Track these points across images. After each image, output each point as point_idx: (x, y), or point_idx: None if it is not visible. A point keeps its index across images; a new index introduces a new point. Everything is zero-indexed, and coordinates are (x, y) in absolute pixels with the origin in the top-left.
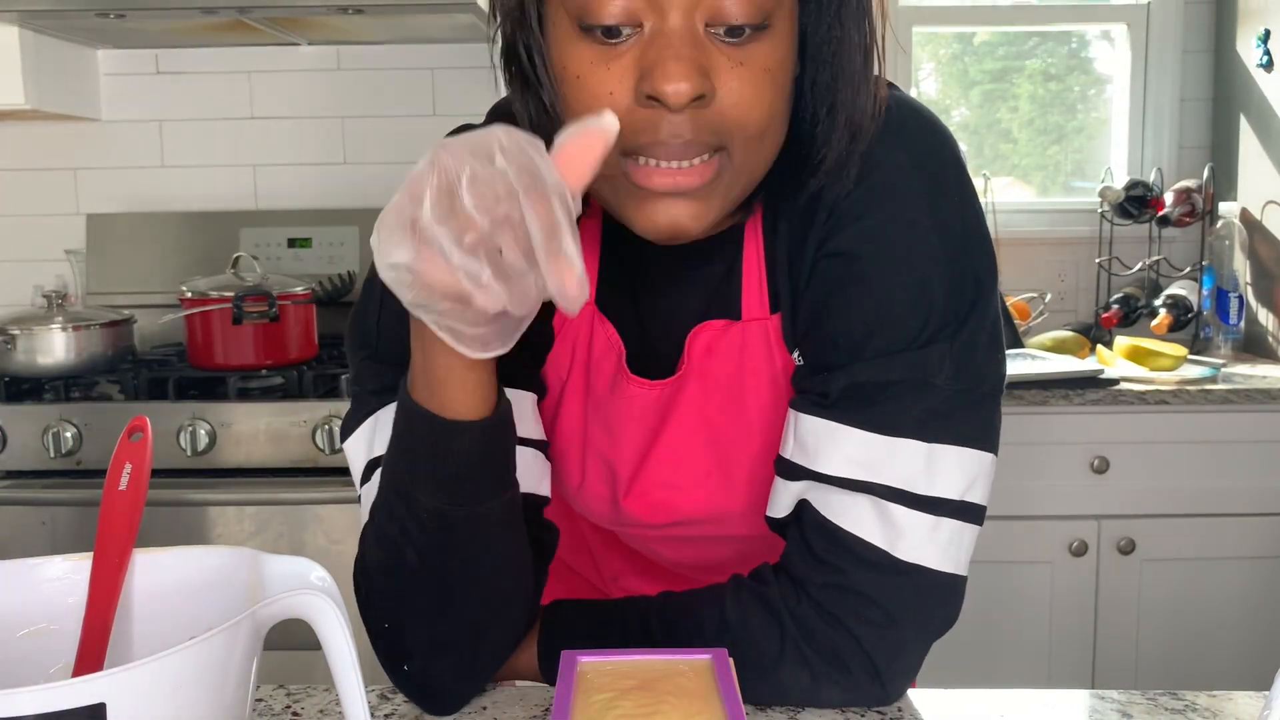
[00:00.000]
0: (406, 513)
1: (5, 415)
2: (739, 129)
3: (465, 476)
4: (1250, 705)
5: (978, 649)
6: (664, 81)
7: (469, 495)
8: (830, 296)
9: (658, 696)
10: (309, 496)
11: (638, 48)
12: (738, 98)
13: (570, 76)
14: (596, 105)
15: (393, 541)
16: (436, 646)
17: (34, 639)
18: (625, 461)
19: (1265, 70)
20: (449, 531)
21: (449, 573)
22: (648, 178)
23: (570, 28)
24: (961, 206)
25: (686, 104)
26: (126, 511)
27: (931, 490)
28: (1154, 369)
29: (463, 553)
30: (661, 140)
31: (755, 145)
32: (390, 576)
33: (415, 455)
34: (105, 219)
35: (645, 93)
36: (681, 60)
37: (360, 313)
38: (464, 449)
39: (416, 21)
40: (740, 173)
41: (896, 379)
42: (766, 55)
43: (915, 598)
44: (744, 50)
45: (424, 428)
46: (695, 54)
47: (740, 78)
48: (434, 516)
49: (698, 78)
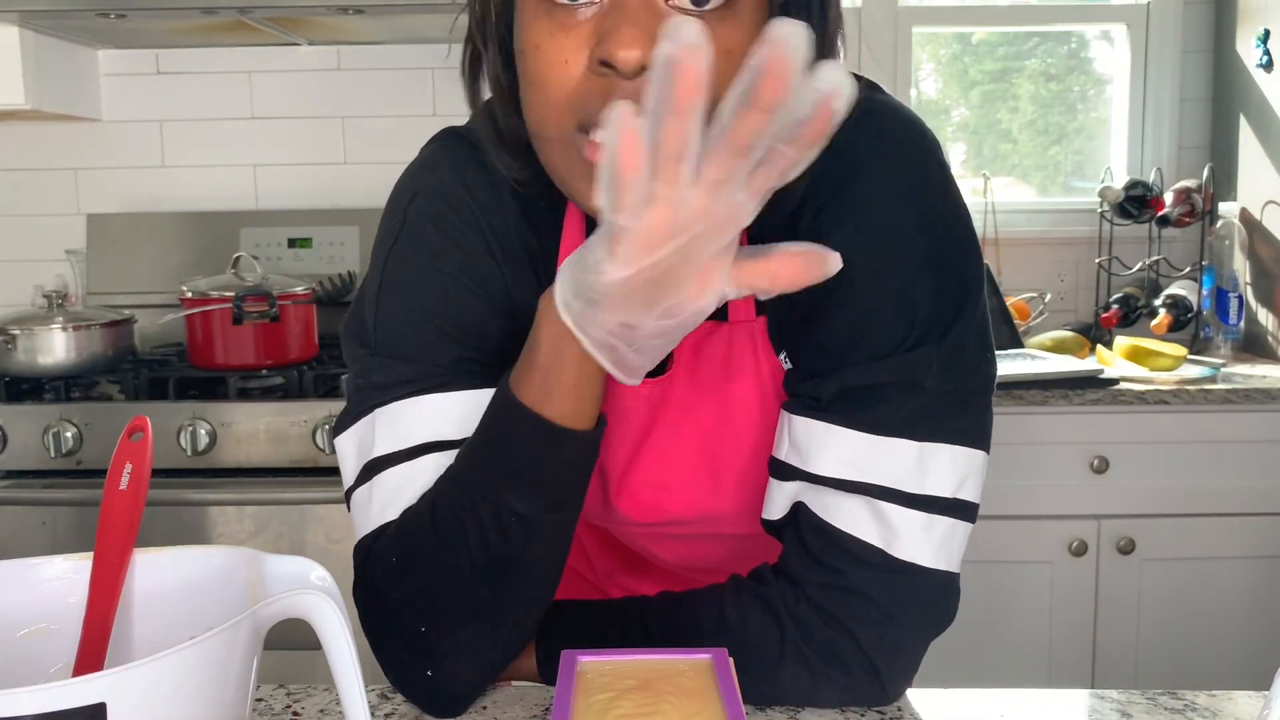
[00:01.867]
0: (490, 515)
1: (5, 415)
2: None
3: (566, 483)
4: (1250, 705)
5: (978, 649)
6: (617, 47)
7: (564, 503)
8: (816, 303)
9: (658, 696)
10: (309, 496)
11: (597, 16)
12: None
13: (530, 48)
14: (551, 74)
15: (462, 543)
16: (470, 649)
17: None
18: (614, 460)
19: (1265, 70)
20: (533, 536)
21: (512, 576)
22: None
23: (535, 3)
24: (945, 208)
25: (638, 71)
26: (126, 511)
27: (923, 489)
28: (1154, 369)
29: (537, 556)
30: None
31: None
32: (447, 578)
33: (515, 457)
34: (105, 219)
35: (599, 58)
36: (637, 26)
37: (358, 309)
38: (573, 457)
39: (416, 21)
40: None
41: (885, 382)
42: (728, 36)
43: (913, 596)
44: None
45: (530, 430)
46: (652, 23)
47: None
48: (522, 520)
49: (650, 44)
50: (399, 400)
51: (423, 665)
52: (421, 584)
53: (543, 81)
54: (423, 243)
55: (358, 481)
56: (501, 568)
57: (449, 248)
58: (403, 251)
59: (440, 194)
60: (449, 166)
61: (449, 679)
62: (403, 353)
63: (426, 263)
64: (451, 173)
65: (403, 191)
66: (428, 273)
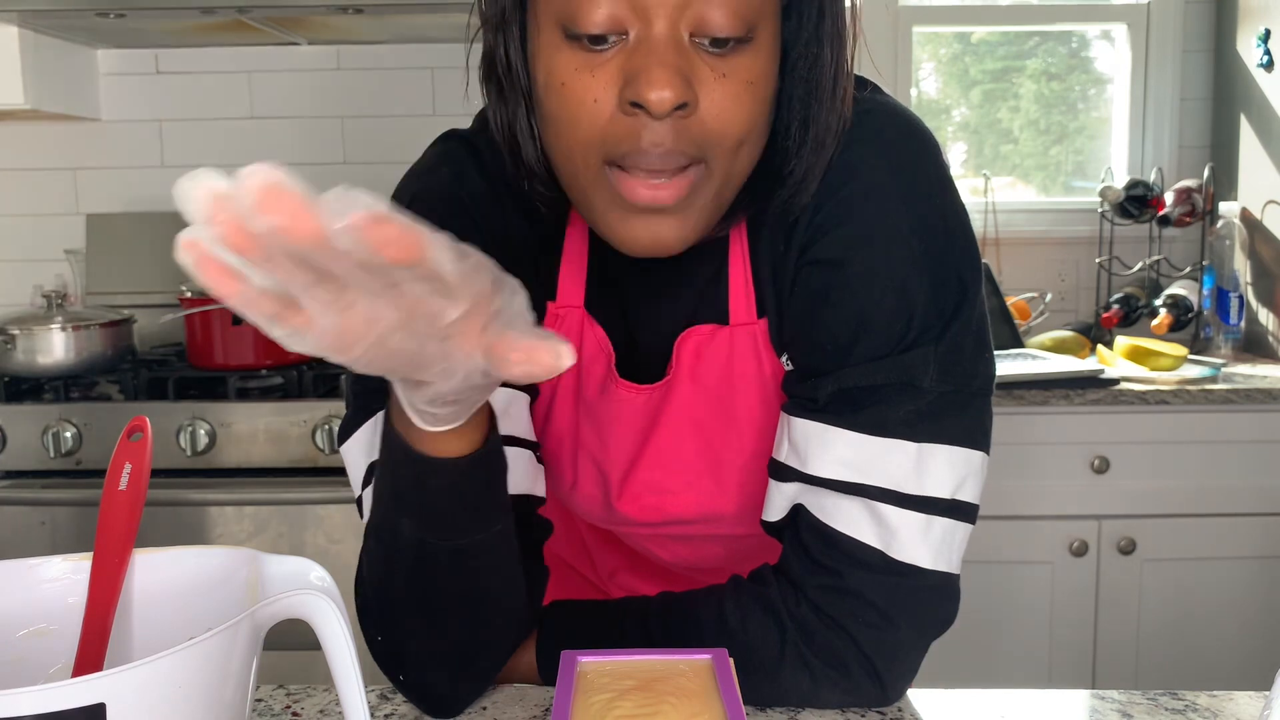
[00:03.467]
0: (391, 536)
1: (5, 415)
2: (719, 140)
3: (445, 511)
4: (1250, 705)
5: (978, 649)
6: (648, 89)
7: (449, 530)
8: (814, 304)
9: (658, 697)
10: (309, 496)
11: (622, 55)
12: (719, 109)
13: (555, 84)
14: (580, 112)
15: (383, 561)
16: (429, 660)
17: (34, 639)
18: (616, 464)
19: (1265, 70)
20: (432, 562)
21: (436, 599)
22: (631, 191)
23: (555, 35)
24: (942, 209)
25: (669, 112)
26: (126, 511)
27: (922, 490)
28: (1154, 369)
29: (448, 583)
30: (643, 149)
31: (732, 157)
32: (381, 592)
33: (398, 483)
34: (105, 219)
35: (629, 99)
36: (666, 67)
37: None
38: (444, 485)
39: (416, 21)
40: (718, 185)
41: (883, 383)
42: (749, 67)
43: (913, 598)
44: (727, 61)
45: (400, 455)
46: (679, 62)
47: (723, 89)
48: (416, 546)
49: (681, 85)
50: None
51: (394, 669)
52: (373, 593)
53: (571, 120)
54: None
55: (364, 484)
56: (420, 592)
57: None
58: None
59: (440, 197)
60: (449, 169)
61: (419, 685)
62: None
63: None
64: (452, 176)
65: (402, 194)
66: None
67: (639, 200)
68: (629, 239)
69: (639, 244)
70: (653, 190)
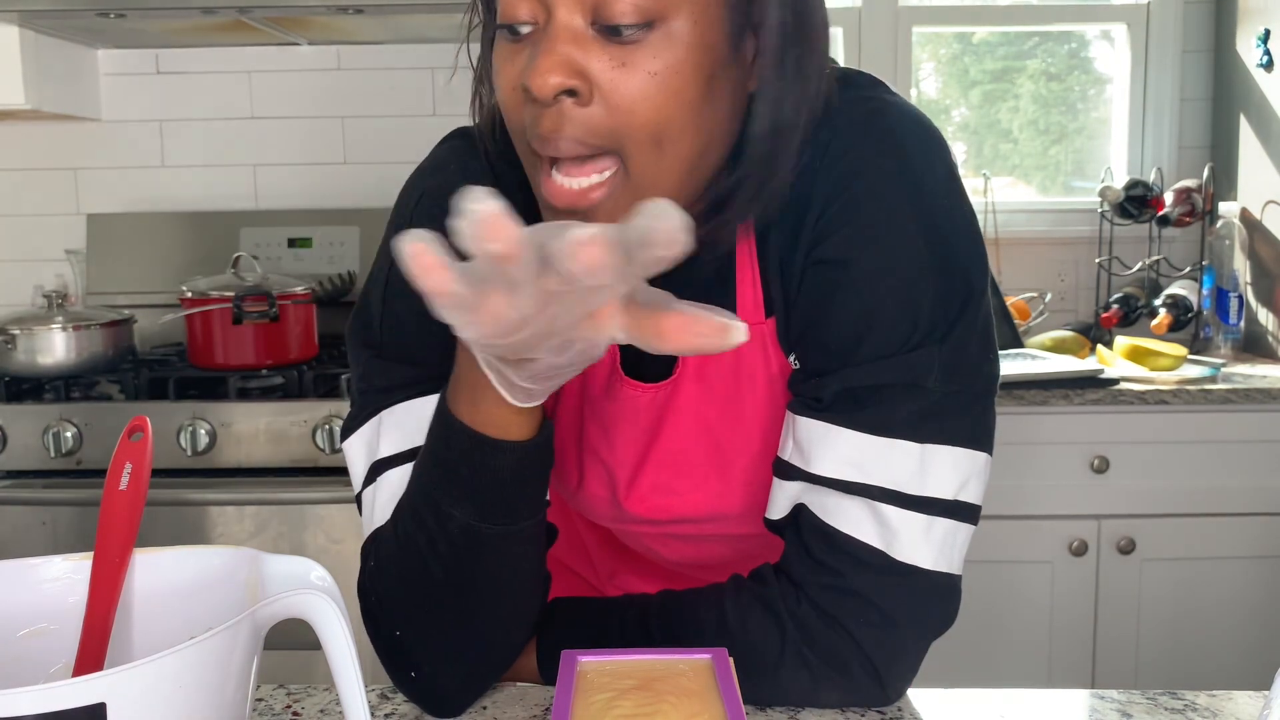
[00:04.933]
0: (436, 525)
1: (5, 415)
2: (625, 131)
3: (503, 496)
4: (1250, 705)
5: (978, 649)
6: (532, 75)
7: (504, 514)
8: (820, 303)
9: (658, 696)
10: (309, 496)
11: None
12: (619, 98)
13: (495, 74)
14: (506, 99)
15: (418, 551)
16: (448, 657)
17: (34, 639)
18: (622, 463)
19: (1265, 70)
20: (478, 548)
21: (472, 588)
22: (552, 195)
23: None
24: (950, 209)
25: (551, 97)
26: (126, 511)
27: (924, 490)
28: (1154, 369)
29: (489, 569)
30: (542, 135)
31: (652, 153)
32: (410, 585)
33: (452, 468)
34: (105, 219)
35: (520, 86)
36: (550, 54)
37: (363, 311)
38: (505, 467)
39: (416, 21)
40: (641, 186)
41: (887, 382)
42: (651, 57)
43: (913, 599)
44: (626, 50)
45: (464, 442)
46: (570, 50)
47: (623, 77)
48: (465, 532)
49: (565, 72)
50: (405, 401)
51: (406, 667)
52: (391, 589)
53: (503, 106)
54: None
55: (365, 483)
56: (458, 579)
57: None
58: None
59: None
60: (456, 167)
61: (430, 682)
62: (408, 354)
63: None
64: (459, 174)
65: (410, 192)
66: None
67: (560, 206)
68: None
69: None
70: (569, 197)
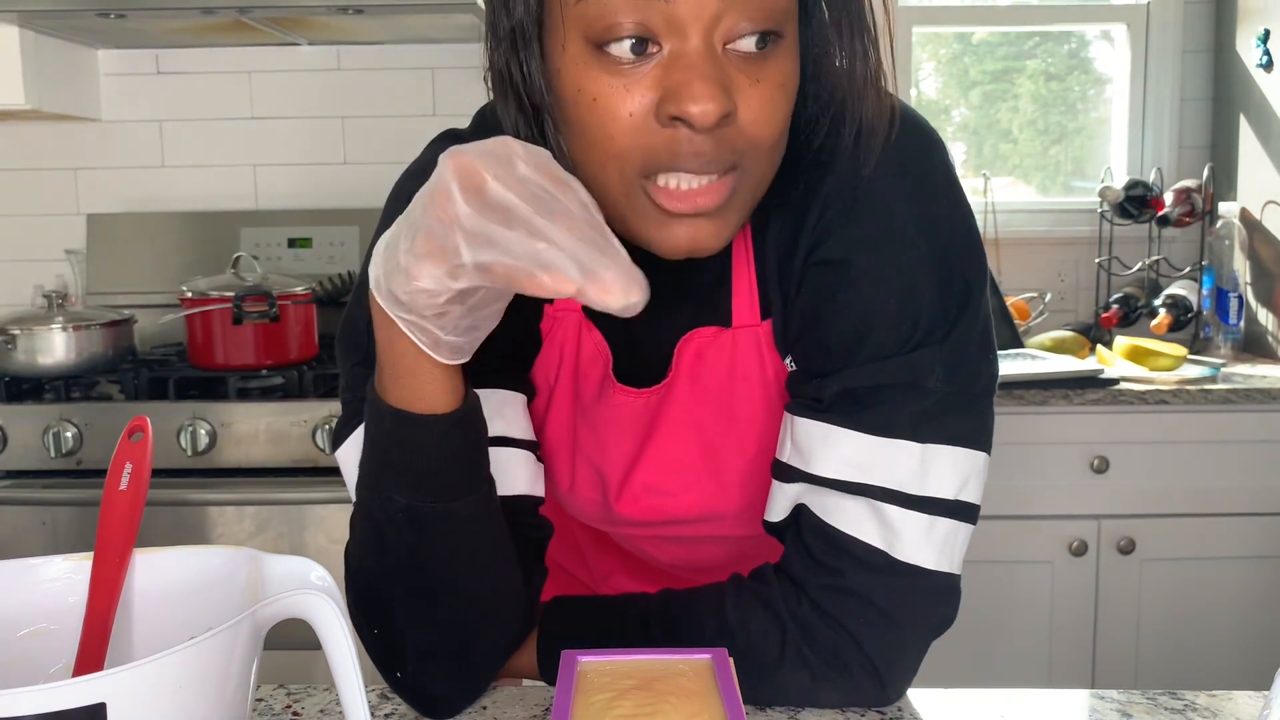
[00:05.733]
0: (381, 512)
1: (5, 415)
2: (755, 145)
3: (435, 471)
4: (1250, 705)
5: (978, 649)
6: (691, 103)
7: (440, 491)
8: (820, 304)
9: (658, 696)
10: (309, 496)
11: (659, 69)
12: (755, 114)
13: (585, 100)
14: (614, 128)
15: (372, 543)
16: (426, 651)
17: (34, 639)
18: (614, 467)
19: (1265, 70)
20: (422, 529)
21: (428, 573)
22: (670, 200)
23: (584, 50)
24: (949, 210)
25: (715, 124)
26: (126, 511)
27: (925, 490)
28: (1154, 369)
29: (439, 552)
30: (682, 160)
31: (766, 159)
32: (373, 579)
33: (386, 452)
34: (105, 219)
35: (670, 114)
36: (708, 81)
37: (350, 319)
38: (432, 442)
39: (416, 21)
40: (753, 187)
41: (887, 383)
42: (779, 69)
43: (914, 598)
44: (759, 67)
45: (391, 423)
46: (718, 74)
47: (759, 94)
48: (407, 514)
49: (723, 97)
50: None
51: (392, 667)
52: (364, 587)
53: (605, 135)
54: None
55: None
56: (411, 563)
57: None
58: None
59: None
60: None
61: (417, 680)
62: None
63: None
64: None
65: (399, 194)
66: None
67: (679, 210)
68: (668, 244)
69: (678, 248)
70: (692, 199)
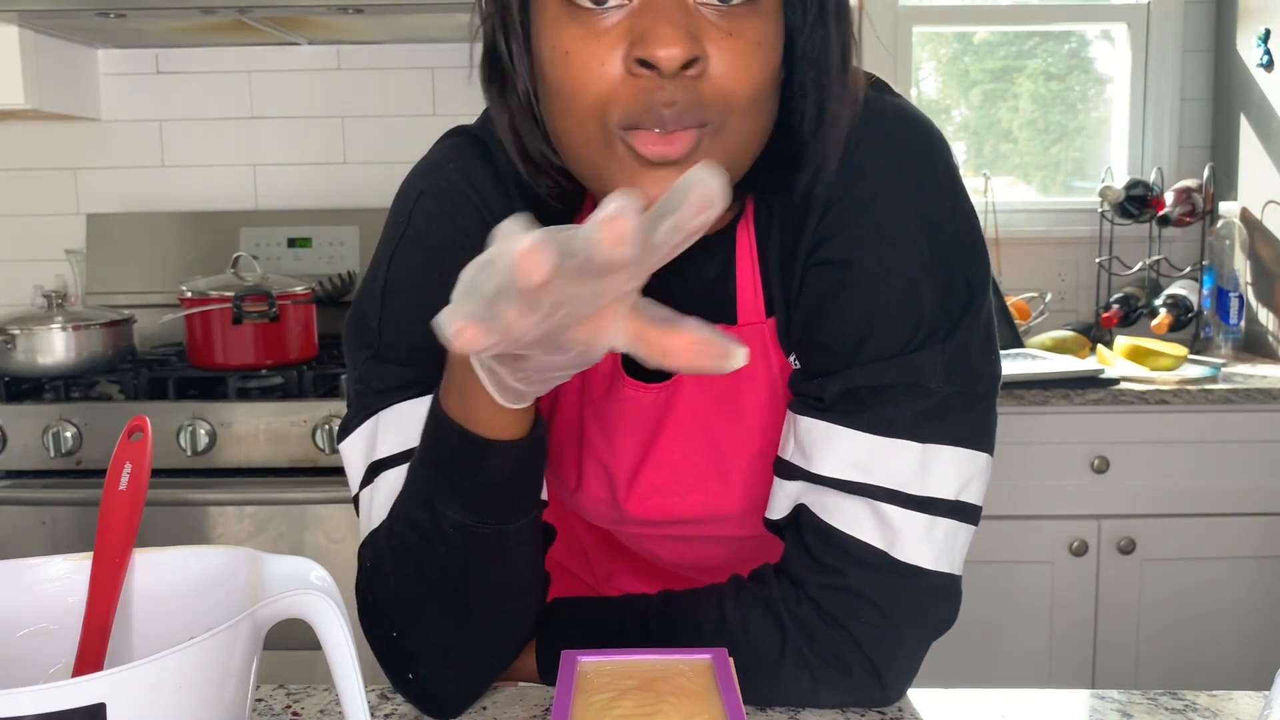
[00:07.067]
0: (431, 525)
1: (5, 415)
2: (728, 100)
3: (496, 495)
4: (1250, 705)
5: (978, 649)
6: (657, 46)
7: (498, 514)
8: (822, 304)
9: (658, 696)
10: (309, 496)
11: (628, 18)
12: (727, 67)
13: (559, 55)
14: (586, 78)
15: (413, 551)
16: (446, 656)
17: (34, 639)
18: (622, 464)
19: (1265, 70)
20: (473, 548)
21: (469, 587)
22: (643, 145)
23: (558, 8)
24: (952, 210)
25: (679, 69)
26: (126, 511)
27: (926, 490)
28: (1154, 369)
29: (485, 569)
30: (653, 109)
31: (740, 120)
32: (406, 585)
33: (445, 468)
34: (105, 219)
35: (637, 58)
36: (674, 25)
37: (360, 313)
38: (497, 467)
39: (416, 21)
40: (727, 149)
41: (890, 383)
42: (756, 28)
43: (914, 599)
44: (733, 21)
45: (456, 441)
46: (686, 20)
47: (731, 47)
48: (459, 532)
49: (689, 42)
50: (402, 402)
51: (404, 668)
52: (388, 591)
53: (577, 87)
54: (427, 243)
55: (362, 484)
56: (454, 579)
57: (454, 248)
58: (407, 252)
59: (446, 194)
60: (455, 166)
61: (429, 683)
62: (407, 355)
63: (431, 263)
64: (458, 172)
65: (408, 191)
66: (432, 274)
67: (650, 154)
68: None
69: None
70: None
